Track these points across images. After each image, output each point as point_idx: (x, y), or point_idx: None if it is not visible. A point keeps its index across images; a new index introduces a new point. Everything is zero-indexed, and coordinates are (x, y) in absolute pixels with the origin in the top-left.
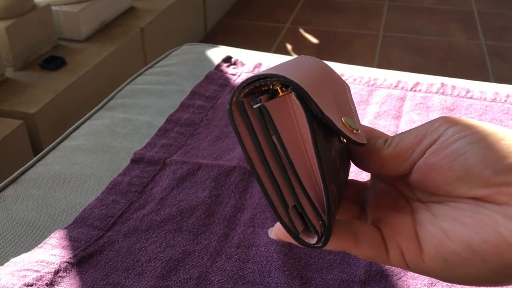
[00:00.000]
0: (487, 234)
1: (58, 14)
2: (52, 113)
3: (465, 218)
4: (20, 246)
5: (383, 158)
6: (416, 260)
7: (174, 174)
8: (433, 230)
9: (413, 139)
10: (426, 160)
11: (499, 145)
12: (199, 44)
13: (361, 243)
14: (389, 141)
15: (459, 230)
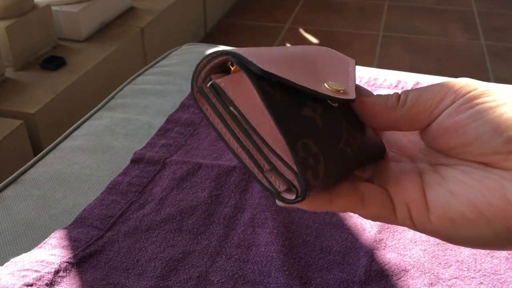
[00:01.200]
0: (494, 198)
1: (58, 14)
2: (52, 113)
3: (473, 181)
4: (20, 246)
5: (397, 117)
6: (422, 219)
7: (174, 174)
8: (441, 191)
9: (432, 99)
10: (441, 122)
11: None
12: (199, 44)
13: (368, 203)
14: (403, 98)
15: (466, 191)
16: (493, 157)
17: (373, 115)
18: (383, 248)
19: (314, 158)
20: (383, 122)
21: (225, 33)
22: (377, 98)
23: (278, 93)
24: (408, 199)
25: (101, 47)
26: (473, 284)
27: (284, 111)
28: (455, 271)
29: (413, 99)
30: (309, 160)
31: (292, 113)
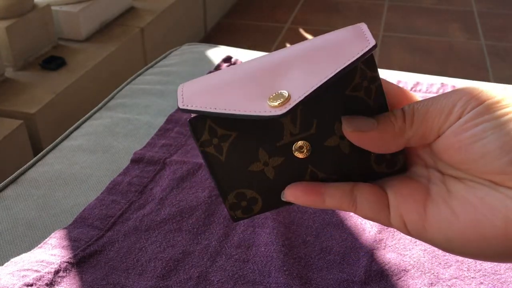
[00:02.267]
0: (496, 218)
1: (58, 14)
2: (52, 113)
3: (476, 200)
4: (20, 246)
5: (406, 140)
6: (418, 230)
7: (174, 174)
8: (443, 210)
9: (440, 114)
10: (446, 139)
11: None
12: (199, 44)
13: (360, 207)
14: (409, 117)
15: (468, 212)
16: (498, 177)
17: (380, 146)
18: (383, 248)
19: (249, 201)
20: (393, 148)
21: (225, 33)
22: (382, 128)
23: (224, 155)
24: (405, 209)
25: (101, 47)
26: (473, 284)
27: (225, 171)
28: (455, 271)
29: (420, 117)
30: (241, 203)
31: (234, 171)
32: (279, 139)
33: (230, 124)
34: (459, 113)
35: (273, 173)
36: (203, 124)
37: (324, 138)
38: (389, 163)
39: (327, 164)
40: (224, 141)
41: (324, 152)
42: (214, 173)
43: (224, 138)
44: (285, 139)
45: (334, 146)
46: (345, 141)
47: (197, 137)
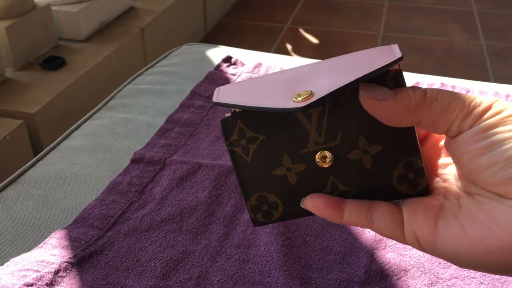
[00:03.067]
0: (501, 232)
1: (58, 14)
2: (52, 113)
3: (483, 215)
4: (20, 246)
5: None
6: (430, 245)
7: (174, 174)
8: (453, 224)
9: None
10: (458, 146)
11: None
12: (199, 44)
13: (376, 225)
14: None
15: (476, 227)
16: (503, 188)
17: (393, 117)
18: (383, 248)
19: (270, 205)
20: (404, 122)
21: (225, 33)
22: (398, 100)
23: (250, 156)
24: (417, 225)
25: (101, 47)
26: (473, 284)
27: (249, 172)
28: (455, 271)
29: (443, 104)
30: (263, 207)
31: (258, 173)
32: (304, 147)
33: (259, 127)
34: (470, 122)
35: (295, 179)
36: (233, 125)
37: (347, 150)
38: (411, 183)
39: (349, 176)
40: (252, 143)
41: (347, 164)
42: (239, 173)
43: (251, 140)
44: (310, 147)
45: (356, 160)
46: (367, 156)
47: (227, 136)
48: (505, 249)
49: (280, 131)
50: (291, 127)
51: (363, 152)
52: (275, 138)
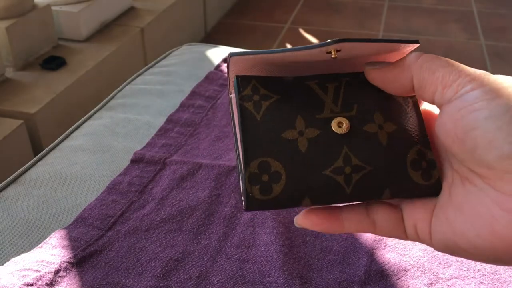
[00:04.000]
0: (483, 230)
1: (58, 14)
2: (52, 113)
3: (467, 209)
4: (21, 246)
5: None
6: (426, 239)
7: (174, 174)
8: (442, 219)
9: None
10: (443, 125)
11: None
12: (199, 44)
13: (379, 227)
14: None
15: (460, 222)
16: (487, 172)
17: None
18: (383, 248)
19: (271, 176)
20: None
21: (225, 33)
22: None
23: (261, 114)
24: (417, 220)
25: (101, 47)
26: (473, 284)
27: (257, 132)
28: (455, 270)
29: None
30: (263, 177)
31: (267, 133)
32: (319, 112)
33: (274, 88)
34: (455, 90)
35: (306, 146)
36: (248, 81)
37: (363, 122)
38: (425, 173)
39: (364, 149)
40: (265, 100)
41: (362, 135)
42: (245, 131)
43: (265, 97)
44: (325, 114)
45: (372, 133)
46: (383, 132)
47: (239, 90)
48: (486, 246)
49: (295, 95)
50: (307, 95)
51: (379, 127)
52: (290, 100)
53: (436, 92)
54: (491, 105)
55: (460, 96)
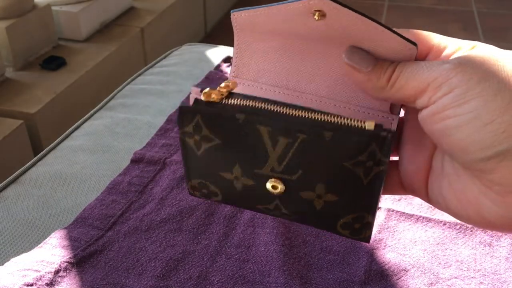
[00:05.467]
0: (472, 212)
1: (58, 14)
2: (52, 113)
3: (457, 190)
4: (20, 246)
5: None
6: (423, 197)
7: (174, 174)
8: (436, 192)
9: (416, 89)
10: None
11: (484, 132)
12: (199, 44)
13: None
14: (393, 78)
15: (452, 200)
16: (467, 171)
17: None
18: (383, 248)
19: (210, 192)
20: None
21: (225, 33)
22: (370, 77)
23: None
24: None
25: (101, 47)
26: (473, 284)
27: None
28: (455, 271)
29: (401, 82)
30: (203, 190)
31: (205, 167)
32: (259, 167)
33: (218, 130)
34: (427, 99)
35: (241, 188)
36: (192, 117)
37: (301, 189)
38: (354, 231)
39: (295, 209)
40: (205, 142)
41: (296, 200)
42: (186, 158)
43: (206, 139)
44: (265, 170)
45: (307, 199)
46: (320, 200)
47: (182, 124)
48: (476, 223)
49: (240, 141)
50: (253, 143)
51: (317, 196)
52: (231, 146)
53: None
54: (460, 111)
55: (433, 103)
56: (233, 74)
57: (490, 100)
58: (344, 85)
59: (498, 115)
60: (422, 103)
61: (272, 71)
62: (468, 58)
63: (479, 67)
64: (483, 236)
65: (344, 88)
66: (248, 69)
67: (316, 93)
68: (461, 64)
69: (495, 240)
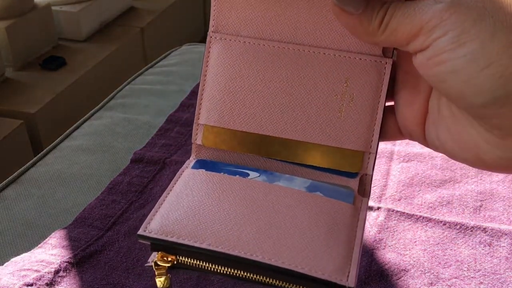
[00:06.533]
0: (469, 155)
1: (58, 14)
2: (52, 113)
3: (455, 133)
4: (20, 246)
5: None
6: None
7: (174, 174)
8: (433, 136)
9: (408, 33)
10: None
11: (481, 77)
12: (199, 44)
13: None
14: (385, 22)
15: (449, 143)
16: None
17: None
18: (383, 248)
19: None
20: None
21: None
22: (361, 20)
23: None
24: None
25: (101, 47)
26: (473, 284)
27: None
28: (455, 271)
29: (393, 26)
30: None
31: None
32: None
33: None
34: (421, 42)
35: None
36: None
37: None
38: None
39: None
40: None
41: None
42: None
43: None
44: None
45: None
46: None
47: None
48: (473, 164)
49: None
50: None
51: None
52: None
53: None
54: (456, 55)
55: (427, 47)
56: (212, 29)
57: (487, 42)
58: (333, 31)
59: (496, 59)
60: (415, 47)
61: (255, 20)
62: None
63: (473, 6)
64: (483, 236)
65: (333, 34)
66: (228, 22)
67: (303, 41)
68: (455, 4)
69: (495, 240)
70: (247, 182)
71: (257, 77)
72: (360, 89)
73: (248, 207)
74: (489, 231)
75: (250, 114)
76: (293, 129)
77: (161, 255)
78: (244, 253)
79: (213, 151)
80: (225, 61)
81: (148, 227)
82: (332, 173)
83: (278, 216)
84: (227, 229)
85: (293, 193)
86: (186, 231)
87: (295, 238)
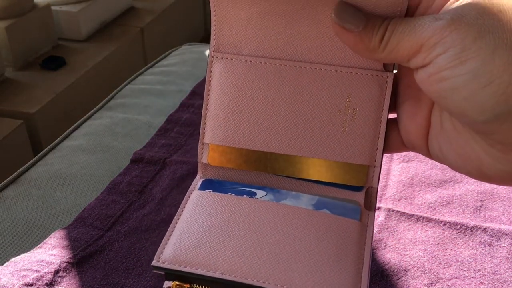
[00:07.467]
0: (472, 168)
1: (58, 14)
2: (52, 113)
3: (457, 147)
4: (20, 246)
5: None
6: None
7: (174, 174)
8: (436, 148)
9: (409, 50)
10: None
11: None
12: (199, 44)
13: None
14: (385, 40)
15: (452, 157)
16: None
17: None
18: (383, 248)
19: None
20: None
21: None
22: (361, 37)
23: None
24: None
25: (101, 47)
26: (473, 284)
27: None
28: (455, 271)
29: (394, 43)
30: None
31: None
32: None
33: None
34: (422, 59)
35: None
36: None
37: None
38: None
39: None
40: None
41: None
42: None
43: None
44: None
45: None
46: None
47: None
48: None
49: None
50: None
51: None
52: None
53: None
54: (457, 72)
55: (428, 63)
56: (213, 49)
57: (488, 60)
58: (334, 47)
59: (497, 76)
60: (416, 64)
61: (256, 38)
62: (462, 12)
63: (474, 23)
64: (483, 236)
65: (334, 50)
66: (229, 40)
67: (304, 58)
68: (455, 21)
69: (495, 240)
70: (255, 203)
71: (260, 95)
72: (362, 103)
73: (257, 231)
74: (489, 231)
75: (255, 132)
76: (298, 146)
77: (175, 283)
78: (257, 281)
79: (219, 170)
80: (227, 80)
81: (161, 257)
82: (338, 187)
83: (287, 239)
84: (239, 256)
85: (301, 213)
86: (199, 260)
87: (305, 262)
